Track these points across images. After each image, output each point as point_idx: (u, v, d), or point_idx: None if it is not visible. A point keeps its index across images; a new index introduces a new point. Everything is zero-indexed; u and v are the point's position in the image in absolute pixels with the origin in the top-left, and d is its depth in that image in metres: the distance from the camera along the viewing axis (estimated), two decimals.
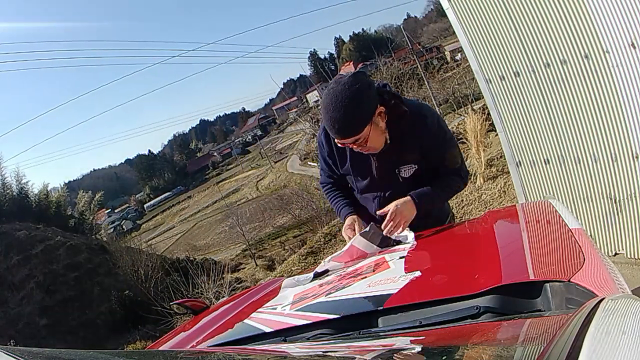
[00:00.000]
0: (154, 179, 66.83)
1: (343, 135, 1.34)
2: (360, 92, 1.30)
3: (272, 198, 25.68)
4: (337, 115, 1.30)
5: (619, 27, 2.01)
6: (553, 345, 0.43)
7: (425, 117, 1.44)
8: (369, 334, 0.88)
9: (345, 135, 1.34)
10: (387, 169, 1.48)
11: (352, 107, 1.29)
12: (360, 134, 1.33)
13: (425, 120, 1.43)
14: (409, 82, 12.90)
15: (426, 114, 1.45)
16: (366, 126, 1.33)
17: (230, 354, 0.88)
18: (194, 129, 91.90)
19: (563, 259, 0.90)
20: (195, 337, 1.25)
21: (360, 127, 1.32)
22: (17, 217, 19.58)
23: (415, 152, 1.45)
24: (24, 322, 14.55)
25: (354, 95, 1.29)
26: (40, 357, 0.60)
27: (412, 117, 1.42)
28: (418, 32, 52.15)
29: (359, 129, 1.32)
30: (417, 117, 1.42)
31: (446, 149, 1.48)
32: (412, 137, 1.43)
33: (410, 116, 1.41)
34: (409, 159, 1.47)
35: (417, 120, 1.42)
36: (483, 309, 0.80)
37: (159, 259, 16.15)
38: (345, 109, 1.29)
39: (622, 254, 2.40)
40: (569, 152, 2.44)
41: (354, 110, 1.29)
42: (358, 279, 1.14)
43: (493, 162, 5.52)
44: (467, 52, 2.69)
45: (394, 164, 1.48)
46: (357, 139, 1.34)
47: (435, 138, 1.44)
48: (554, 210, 1.18)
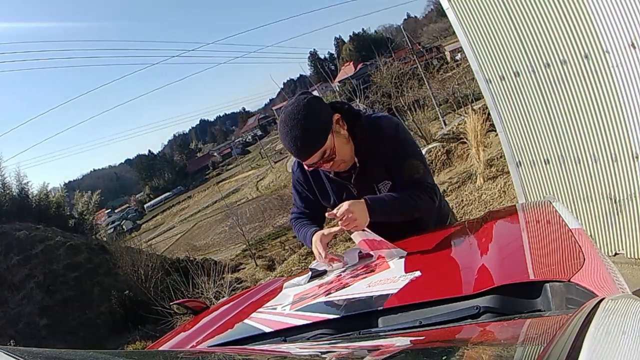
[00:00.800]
0: (154, 179, 66.84)
1: (308, 151, 1.29)
2: (311, 104, 1.29)
3: (272, 198, 25.68)
4: (295, 133, 1.26)
5: (619, 27, 2.01)
6: (553, 345, 0.43)
7: (383, 129, 1.40)
8: (369, 334, 0.88)
9: (310, 150, 1.29)
10: (367, 191, 1.42)
11: (307, 120, 1.26)
12: (325, 146, 1.29)
13: (382, 133, 1.39)
14: (409, 82, 12.92)
15: (383, 126, 1.40)
16: (328, 135, 1.29)
17: (230, 354, 0.88)
18: (194, 129, 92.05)
19: (563, 259, 0.90)
20: (195, 337, 1.25)
21: (322, 138, 1.29)
22: (17, 217, 19.58)
23: (381, 168, 1.41)
24: (24, 322, 14.55)
25: (306, 108, 1.27)
26: (40, 357, 0.60)
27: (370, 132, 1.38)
28: (418, 32, 52.13)
29: (321, 140, 1.28)
30: (375, 130, 1.39)
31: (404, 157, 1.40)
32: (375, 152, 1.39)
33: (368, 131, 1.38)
34: (381, 176, 1.42)
35: (375, 134, 1.39)
36: (483, 309, 0.80)
37: (159, 259, 16.14)
38: (301, 124, 1.26)
39: (622, 254, 2.40)
40: (569, 152, 2.44)
41: (310, 122, 1.27)
42: (358, 279, 1.14)
43: (493, 162, 5.52)
44: (467, 52, 2.69)
45: (370, 184, 1.43)
46: (324, 152, 1.30)
47: (393, 148, 1.39)
48: (554, 210, 1.18)
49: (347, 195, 1.45)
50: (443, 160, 7.14)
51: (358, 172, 1.41)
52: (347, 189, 1.45)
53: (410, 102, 10.92)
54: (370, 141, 1.38)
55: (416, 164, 1.40)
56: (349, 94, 12.09)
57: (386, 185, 1.42)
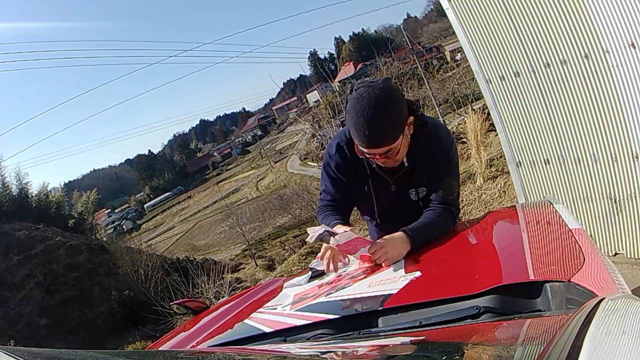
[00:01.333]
0: (154, 179, 66.81)
1: (379, 142, 1.22)
2: (396, 97, 1.22)
3: (272, 198, 25.71)
4: (374, 118, 1.18)
5: (619, 27, 2.01)
6: (553, 345, 0.43)
7: (440, 138, 1.35)
8: (369, 334, 0.88)
9: (381, 142, 1.22)
10: (403, 192, 1.39)
11: (390, 112, 1.20)
12: (395, 143, 1.24)
13: (439, 141, 1.35)
14: (409, 82, 12.92)
15: (441, 136, 1.36)
16: (400, 135, 1.24)
17: (230, 354, 0.88)
18: (194, 129, 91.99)
19: (563, 259, 0.90)
20: (195, 337, 1.25)
21: (397, 134, 1.23)
22: (17, 217, 19.59)
23: (425, 174, 1.37)
24: (24, 322, 14.55)
25: (392, 100, 1.20)
26: (40, 357, 0.60)
27: (428, 136, 1.33)
28: (418, 32, 52.10)
29: (395, 136, 1.23)
30: (432, 137, 1.34)
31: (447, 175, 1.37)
32: (425, 158, 1.35)
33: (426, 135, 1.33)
34: (421, 181, 1.38)
35: (431, 141, 1.34)
36: (483, 309, 0.80)
37: (159, 259, 16.14)
38: (382, 113, 1.19)
39: (622, 254, 2.40)
40: (569, 152, 2.44)
41: (391, 115, 1.20)
42: (358, 279, 1.14)
43: (493, 162, 5.53)
44: (467, 52, 2.69)
45: (409, 185, 1.39)
46: (390, 149, 1.24)
47: (443, 163, 1.36)
48: (554, 210, 1.18)
49: (384, 189, 1.41)
50: None
51: (404, 172, 1.37)
52: (386, 184, 1.41)
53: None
54: (425, 147, 1.34)
55: (454, 186, 1.39)
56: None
57: (421, 192, 1.40)
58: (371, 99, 1.19)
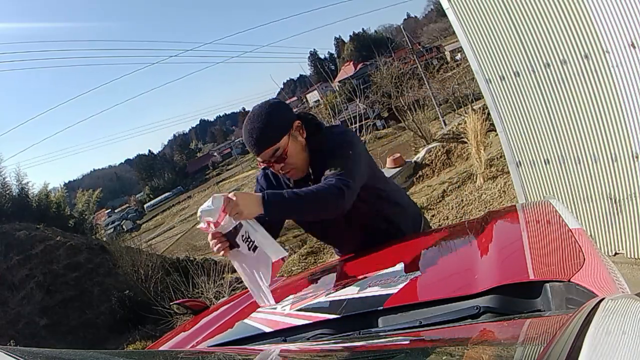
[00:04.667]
0: (154, 179, 66.77)
1: (262, 145, 1.32)
2: (275, 105, 1.36)
3: None
4: (254, 126, 1.32)
5: (619, 27, 2.01)
6: (553, 345, 0.43)
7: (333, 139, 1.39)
8: (369, 334, 0.88)
9: (264, 144, 1.32)
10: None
11: (267, 116, 1.32)
12: (279, 143, 1.32)
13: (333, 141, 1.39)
14: (409, 82, 12.91)
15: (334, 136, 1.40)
16: (284, 135, 1.32)
17: (230, 354, 0.88)
18: (194, 129, 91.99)
19: (563, 259, 0.90)
20: (195, 337, 1.25)
21: (277, 134, 1.32)
22: (17, 217, 19.58)
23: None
24: (24, 322, 14.55)
25: (269, 108, 1.34)
26: (40, 357, 0.60)
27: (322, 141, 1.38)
28: (418, 32, 52.07)
29: (276, 135, 1.32)
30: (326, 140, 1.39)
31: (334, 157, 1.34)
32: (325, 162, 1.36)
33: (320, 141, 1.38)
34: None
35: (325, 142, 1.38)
36: (483, 309, 0.80)
37: (159, 259, 16.12)
38: (261, 119, 1.32)
39: (622, 254, 2.40)
40: (569, 152, 2.44)
41: (269, 118, 1.32)
42: (358, 279, 1.14)
43: (493, 162, 5.52)
44: (467, 52, 2.69)
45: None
46: (276, 149, 1.32)
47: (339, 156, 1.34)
48: (554, 210, 1.18)
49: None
50: (443, 160, 7.14)
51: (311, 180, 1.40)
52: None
53: (410, 102, 10.91)
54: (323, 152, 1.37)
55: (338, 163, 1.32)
56: (349, 94, 12.06)
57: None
58: (255, 111, 1.35)
